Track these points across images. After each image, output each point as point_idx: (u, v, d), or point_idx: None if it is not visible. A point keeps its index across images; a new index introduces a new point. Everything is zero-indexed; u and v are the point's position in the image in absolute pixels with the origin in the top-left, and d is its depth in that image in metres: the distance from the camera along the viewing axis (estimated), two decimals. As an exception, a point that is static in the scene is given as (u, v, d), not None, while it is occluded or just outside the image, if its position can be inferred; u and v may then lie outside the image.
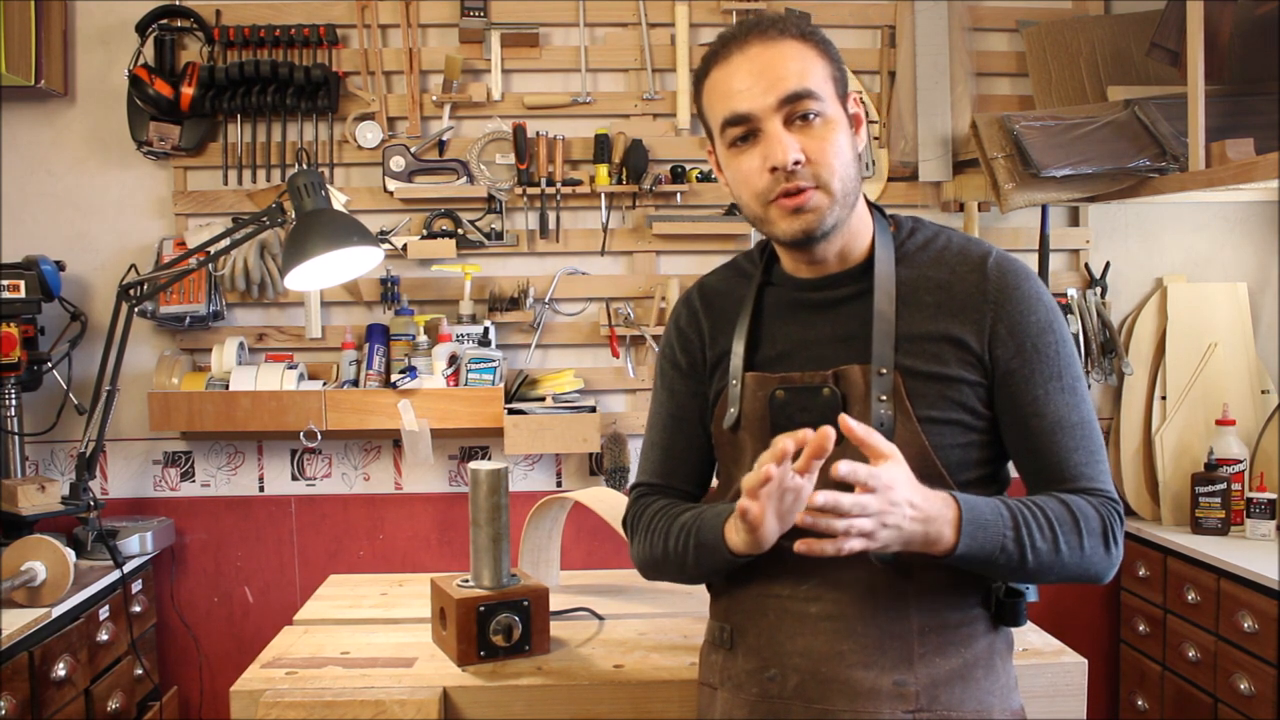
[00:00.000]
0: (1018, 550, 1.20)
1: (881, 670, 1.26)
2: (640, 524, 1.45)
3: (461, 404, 2.85)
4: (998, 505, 1.22)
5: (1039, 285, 1.31)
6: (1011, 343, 1.28)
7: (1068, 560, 1.23)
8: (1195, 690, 2.68)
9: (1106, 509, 1.27)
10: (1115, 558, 1.27)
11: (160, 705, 2.86)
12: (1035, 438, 1.28)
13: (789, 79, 1.24)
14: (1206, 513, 2.86)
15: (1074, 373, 1.30)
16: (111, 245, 2.99)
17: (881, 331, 1.28)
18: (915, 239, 1.35)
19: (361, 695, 1.59)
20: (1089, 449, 1.29)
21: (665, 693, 1.64)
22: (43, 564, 2.32)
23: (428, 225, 2.98)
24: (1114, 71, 2.96)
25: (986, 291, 1.28)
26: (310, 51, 2.96)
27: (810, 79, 1.25)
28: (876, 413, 1.25)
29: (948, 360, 1.27)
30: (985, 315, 1.28)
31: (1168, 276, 3.16)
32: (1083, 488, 1.27)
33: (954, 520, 1.18)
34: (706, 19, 3.05)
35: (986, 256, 1.31)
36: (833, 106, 1.26)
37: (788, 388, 1.31)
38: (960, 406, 1.28)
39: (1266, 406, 3.05)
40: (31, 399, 2.88)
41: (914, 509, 1.15)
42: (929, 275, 1.31)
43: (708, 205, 3.04)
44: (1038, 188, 2.73)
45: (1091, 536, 1.24)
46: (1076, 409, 1.29)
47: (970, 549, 1.19)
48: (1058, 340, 1.29)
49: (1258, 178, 2.35)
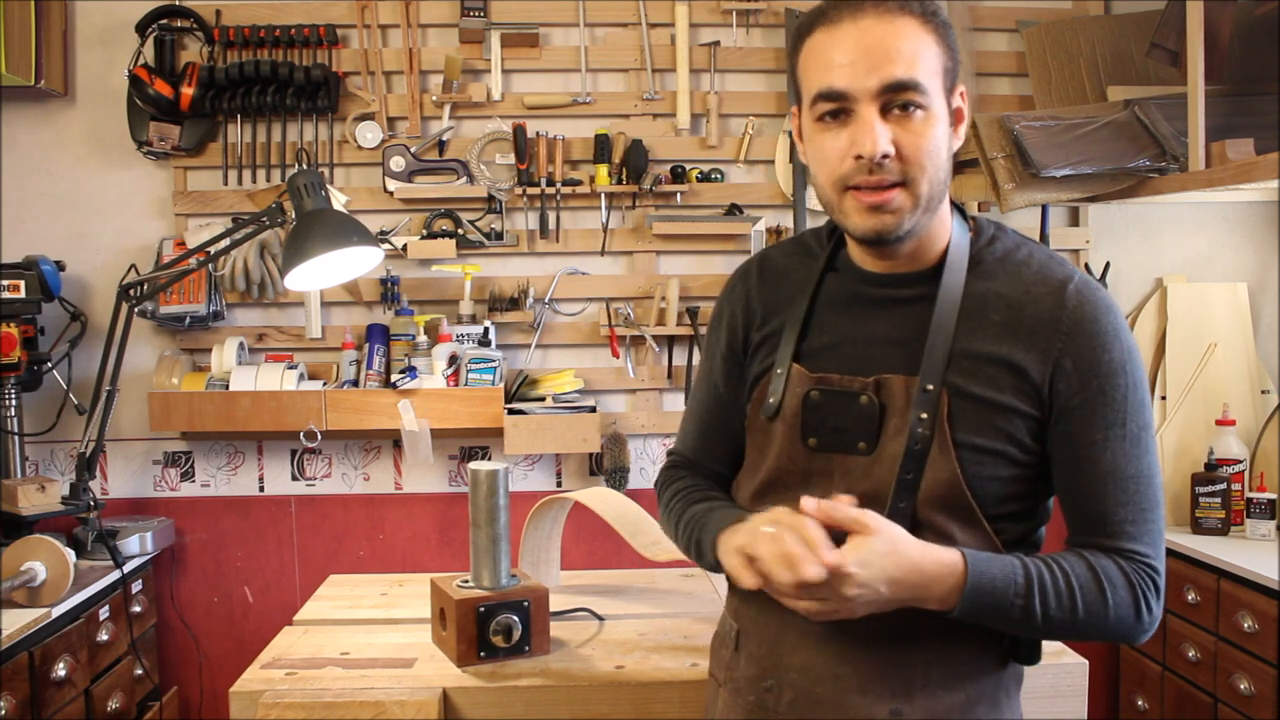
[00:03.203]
0: (1024, 615, 1.15)
1: (878, 698, 1.22)
2: (663, 498, 1.46)
3: (461, 404, 2.85)
4: (1011, 568, 1.15)
5: (1119, 322, 1.20)
6: (1076, 379, 1.18)
7: (1086, 626, 1.17)
8: (1195, 690, 2.68)
9: (1140, 575, 1.18)
10: (1147, 624, 1.19)
11: (160, 705, 2.86)
12: (1085, 484, 1.20)
13: (897, 64, 1.13)
14: (1206, 513, 2.86)
15: (1140, 421, 1.19)
16: (111, 245, 2.99)
17: (937, 344, 1.19)
18: (994, 248, 1.25)
19: (361, 696, 1.59)
20: (1139, 506, 1.19)
21: (666, 693, 1.64)
22: (43, 564, 2.32)
23: (428, 225, 2.98)
24: (1114, 71, 2.96)
25: (1060, 320, 1.18)
26: (310, 51, 2.95)
27: (920, 68, 1.14)
28: (913, 431, 1.18)
29: (1003, 386, 1.18)
30: (1054, 345, 1.18)
31: (1168, 276, 3.16)
32: (1121, 548, 1.19)
33: (957, 584, 1.13)
34: (706, 19, 3.05)
35: (1068, 281, 1.20)
36: (938, 100, 1.16)
37: (824, 389, 1.25)
38: (1007, 438, 1.19)
39: (1266, 406, 3.05)
40: (31, 399, 2.88)
41: (891, 585, 1.11)
42: (1001, 291, 1.21)
43: (708, 205, 3.04)
44: (1038, 188, 2.72)
45: (1119, 606, 1.17)
46: (1135, 461, 1.19)
47: (971, 612, 1.14)
48: (1129, 384, 1.18)
49: (1258, 178, 2.35)
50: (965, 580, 1.13)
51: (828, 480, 1.25)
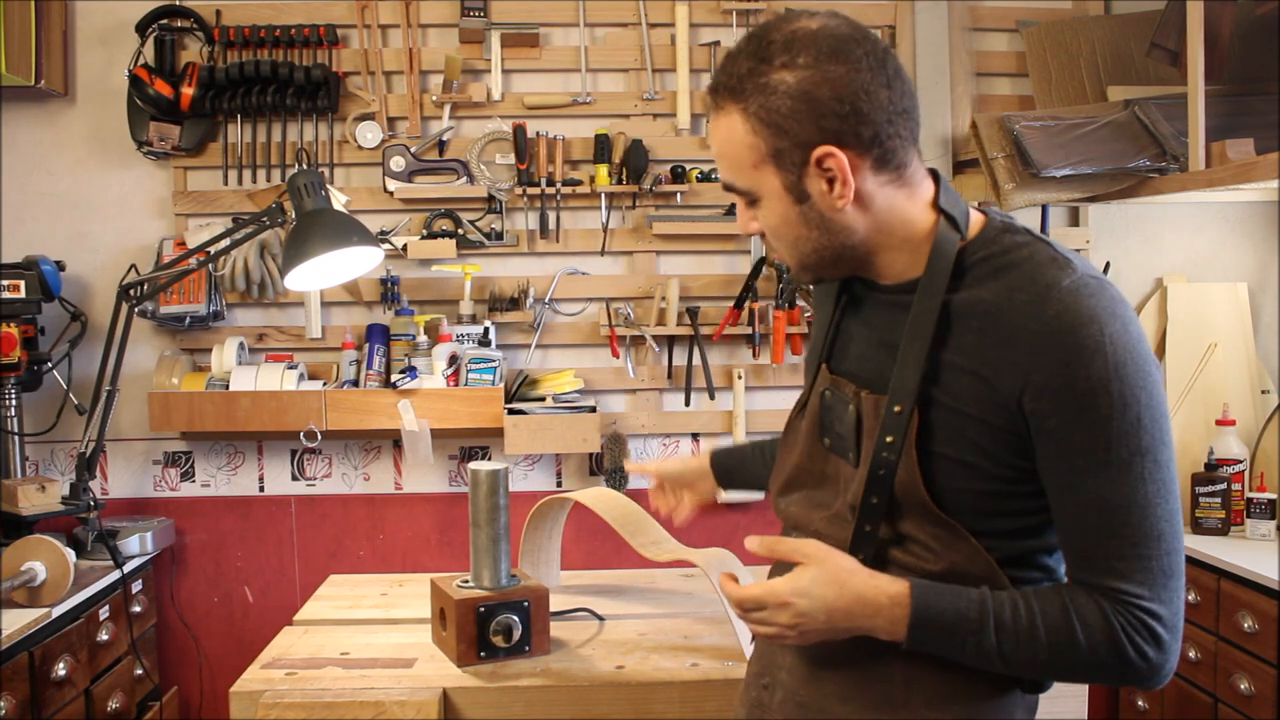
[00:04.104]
0: (978, 652, 1.10)
1: (861, 706, 1.20)
2: None
3: (461, 404, 2.85)
4: (965, 602, 1.11)
5: (1107, 335, 1.06)
6: (1050, 398, 1.07)
7: (1058, 667, 1.11)
8: (1195, 690, 2.68)
9: (1124, 618, 1.07)
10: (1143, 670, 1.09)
11: (160, 705, 2.86)
12: (1069, 513, 1.11)
13: (719, 168, 1.21)
14: (1206, 513, 2.86)
15: (1132, 447, 1.06)
16: (111, 245, 2.99)
17: (908, 361, 1.15)
18: (992, 250, 1.16)
19: (361, 696, 1.59)
20: (1129, 539, 1.08)
21: (666, 693, 1.64)
22: (43, 564, 2.32)
23: (428, 225, 2.98)
24: (1114, 71, 2.96)
25: (1034, 331, 1.08)
26: (310, 51, 2.95)
27: (729, 170, 1.18)
28: (877, 455, 1.16)
29: (970, 399, 1.12)
30: (1025, 359, 1.08)
31: (1168, 276, 3.16)
32: (1106, 586, 1.08)
33: (903, 616, 1.11)
34: (706, 19, 3.04)
35: (1053, 286, 1.09)
36: (769, 182, 1.15)
37: (833, 391, 1.27)
38: (980, 450, 1.12)
39: (1266, 406, 3.05)
40: (31, 399, 2.88)
41: (832, 615, 1.13)
42: (984, 298, 1.13)
43: (708, 205, 3.04)
44: (1038, 188, 2.72)
45: (1095, 650, 1.08)
46: (1125, 490, 1.07)
47: (921, 644, 1.12)
48: (1114, 404, 1.06)
49: (1258, 178, 2.35)
50: (910, 613, 1.11)
51: (834, 485, 1.26)
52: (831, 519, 1.24)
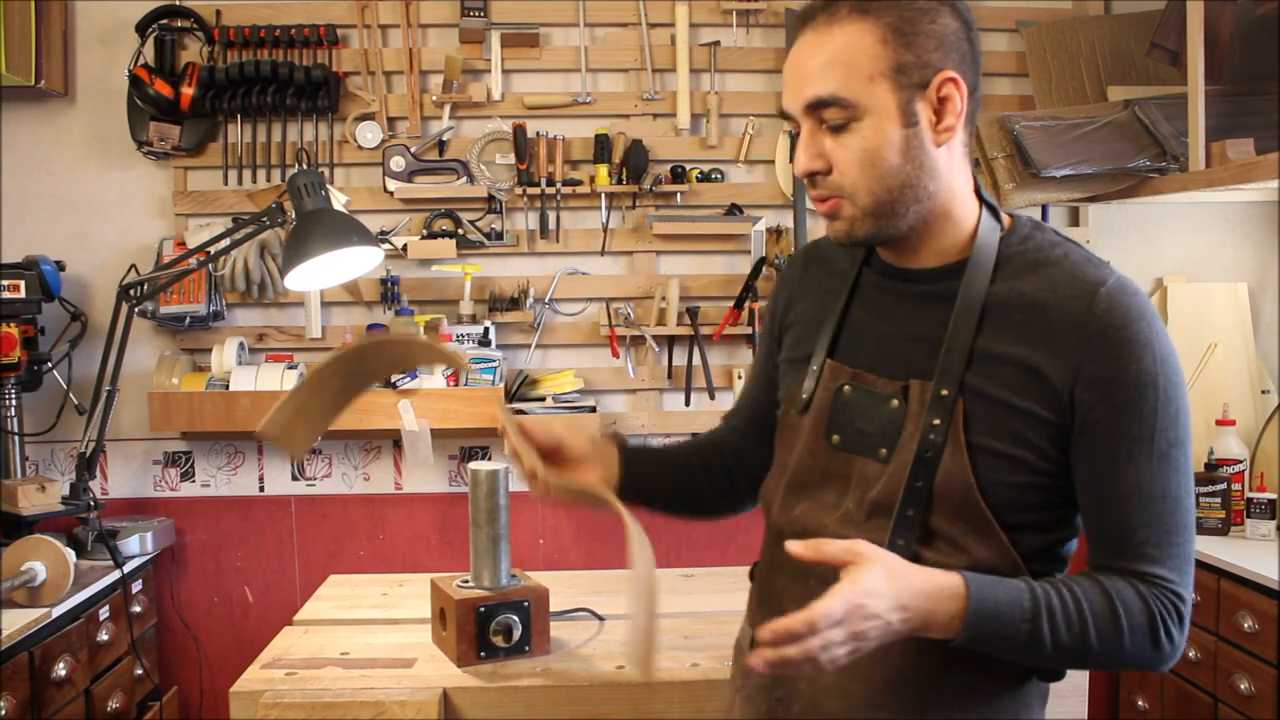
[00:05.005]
0: (1032, 642, 1.09)
1: (889, 713, 1.18)
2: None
3: (461, 404, 2.85)
4: (1017, 591, 1.10)
5: (1154, 331, 1.12)
6: (1101, 389, 1.11)
7: (1100, 655, 1.12)
8: (1195, 690, 2.68)
9: (1160, 602, 1.12)
10: (1167, 653, 1.14)
11: (160, 705, 2.86)
12: (1106, 501, 1.13)
13: (815, 81, 1.12)
14: (1207, 513, 2.86)
15: (1171, 439, 1.12)
16: (111, 245, 2.99)
17: (954, 346, 1.15)
18: (1026, 246, 1.19)
19: (361, 696, 1.59)
20: (1165, 528, 1.12)
21: (666, 693, 1.64)
22: (43, 564, 2.32)
23: (428, 225, 2.98)
24: (1114, 71, 2.96)
25: (1087, 325, 1.11)
26: (310, 51, 2.95)
27: (837, 80, 1.11)
28: (924, 437, 1.15)
29: (1020, 389, 1.13)
30: (1078, 351, 1.11)
31: (1168, 276, 3.16)
32: (1142, 571, 1.12)
33: (960, 609, 1.07)
34: (706, 19, 3.04)
35: (1100, 284, 1.13)
36: (880, 102, 1.11)
37: (858, 385, 1.22)
38: (1024, 442, 1.13)
39: (1266, 406, 3.05)
40: (31, 399, 2.88)
41: (900, 613, 1.05)
42: (1025, 291, 1.15)
43: (708, 205, 3.04)
44: (1038, 188, 2.73)
45: (1135, 633, 1.11)
46: (1163, 480, 1.12)
47: (976, 639, 1.09)
48: (1159, 398, 1.11)
49: (1258, 178, 2.35)
50: (967, 604, 1.07)
51: (844, 484, 1.23)
52: (842, 519, 1.22)
